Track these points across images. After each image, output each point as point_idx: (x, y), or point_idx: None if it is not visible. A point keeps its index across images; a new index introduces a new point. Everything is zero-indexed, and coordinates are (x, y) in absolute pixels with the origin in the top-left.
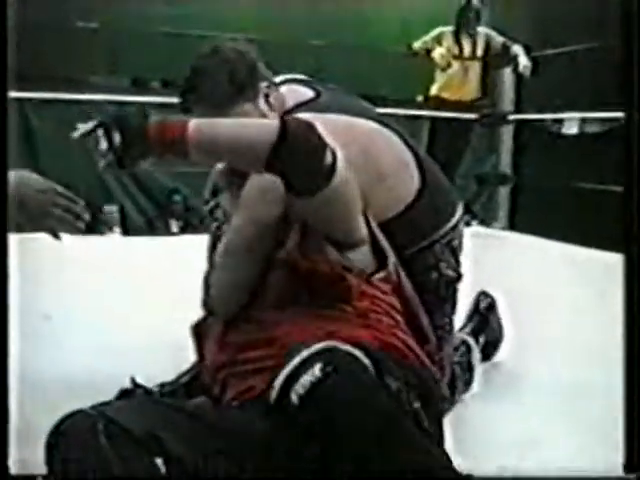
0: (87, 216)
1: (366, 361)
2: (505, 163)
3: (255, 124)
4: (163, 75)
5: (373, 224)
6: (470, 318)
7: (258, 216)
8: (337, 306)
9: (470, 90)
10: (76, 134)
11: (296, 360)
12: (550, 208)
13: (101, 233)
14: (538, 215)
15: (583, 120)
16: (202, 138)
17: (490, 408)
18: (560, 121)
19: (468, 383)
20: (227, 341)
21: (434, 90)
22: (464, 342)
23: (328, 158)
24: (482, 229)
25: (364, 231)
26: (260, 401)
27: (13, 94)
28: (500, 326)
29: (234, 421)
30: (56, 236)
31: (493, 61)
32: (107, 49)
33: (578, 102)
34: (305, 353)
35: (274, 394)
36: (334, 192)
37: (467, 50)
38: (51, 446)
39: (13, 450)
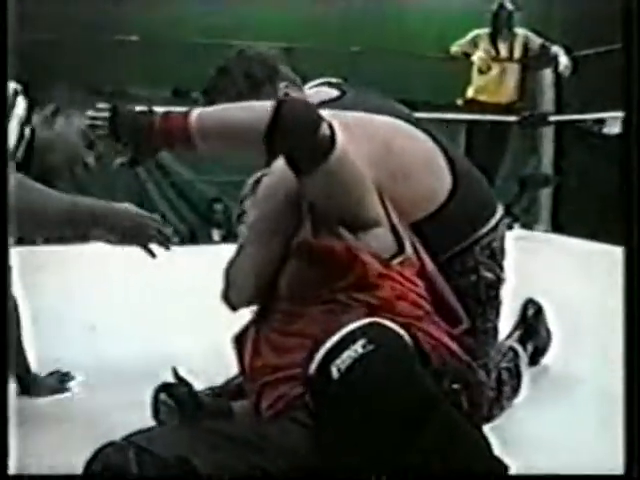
0: (175, 239)
1: (408, 339)
2: (547, 164)
3: (253, 106)
4: (203, 85)
5: (389, 207)
6: (517, 326)
7: (267, 211)
8: (359, 299)
9: (508, 92)
10: (86, 122)
11: (338, 335)
12: (593, 209)
13: None
14: (581, 216)
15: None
16: (203, 124)
17: (538, 412)
18: (602, 121)
19: (516, 389)
20: (260, 346)
21: (470, 93)
22: (512, 349)
23: (324, 131)
24: (524, 232)
25: (377, 212)
26: (292, 410)
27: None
28: (548, 333)
29: (268, 436)
30: (151, 253)
31: (533, 62)
32: (147, 61)
33: (619, 102)
34: (349, 327)
35: (313, 367)
36: (335, 165)
37: (504, 52)
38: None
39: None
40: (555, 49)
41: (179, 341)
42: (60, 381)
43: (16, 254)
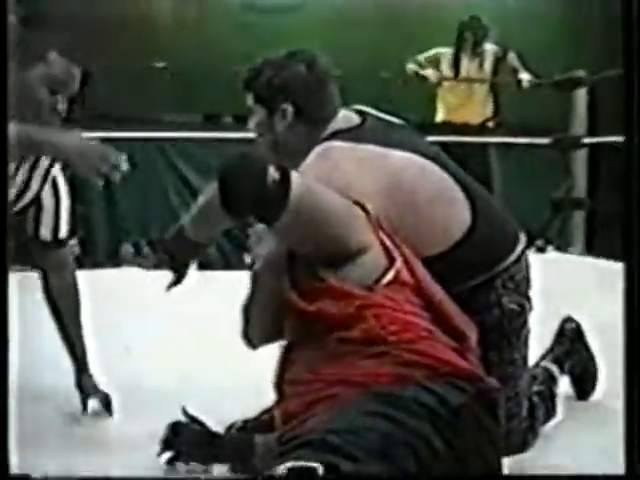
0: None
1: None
2: (580, 187)
3: (210, 186)
4: (235, 110)
5: (381, 230)
6: (554, 345)
7: (264, 255)
8: (345, 337)
9: (478, 111)
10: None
11: None
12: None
13: None
14: (616, 239)
15: None
16: (191, 228)
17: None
18: None
19: (550, 412)
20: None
21: (441, 115)
22: (546, 370)
23: (272, 177)
24: (558, 254)
25: (360, 239)
26: None
27: (86, 134)
28: (589, 352)
29: None
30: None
31: (560, 85)
32: (179, 87)
33: None
34: None
35: None
36: (299, 204)
37: (472, 70)
38: None
39: None
40: (511, 57)
41: (209, 366)
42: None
43: None
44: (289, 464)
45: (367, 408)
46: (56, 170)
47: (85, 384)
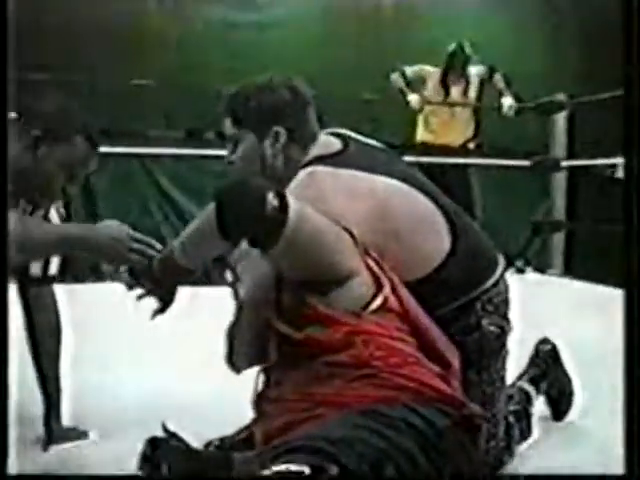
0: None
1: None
2: (559, 209)
3: (206, 209)
4: (217, 127)
5: (367, 256)
6: (530, 366)
7: (258, 277)
8: (333, 362)
9: (460, 133)
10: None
11: None
12: (606, 253)
13: None
14: (594, 261)
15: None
16: (182, 253)
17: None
18: (614, 165)
19: (525, 432)
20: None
21: (420, 136)
22: (521, 390)
23: (271, 203)
24: (537, 276)
25: (349, 265)
26: None
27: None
28: (566, 374)
29: None
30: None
31: (541, 108)
32: (162, 103)
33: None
34: None
35: None
36: (295, 230)
37: (456, 95)
38: None
39: None
40: (497, 78)
41: (194, 385)
42: (76, 436)
43: None
44: (282, 467)
45: (356, 422)
46: (53, 210)
47: (54, 429)
